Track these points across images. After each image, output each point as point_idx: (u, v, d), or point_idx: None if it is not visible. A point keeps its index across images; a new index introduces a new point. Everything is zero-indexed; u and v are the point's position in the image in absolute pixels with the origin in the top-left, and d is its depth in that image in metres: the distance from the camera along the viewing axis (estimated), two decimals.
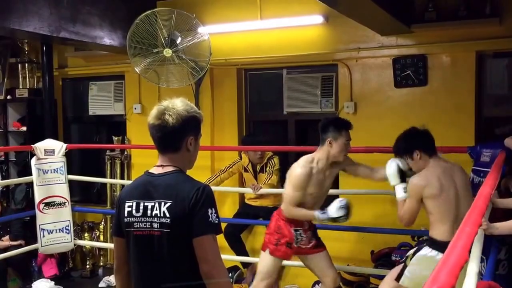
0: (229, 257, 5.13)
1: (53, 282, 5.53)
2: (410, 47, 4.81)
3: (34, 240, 5.18)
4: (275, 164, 5.17)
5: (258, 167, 5.24)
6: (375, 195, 4.62)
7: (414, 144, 3.30)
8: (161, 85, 5.22)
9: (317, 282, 5.03)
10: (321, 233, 3.98)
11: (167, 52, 4.80)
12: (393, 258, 4.54)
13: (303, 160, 3.68)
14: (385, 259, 4.72)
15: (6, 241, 5.53)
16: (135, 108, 5.99)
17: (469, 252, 1.68)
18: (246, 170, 5.30)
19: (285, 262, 5.07)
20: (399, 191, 3.38)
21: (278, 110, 5.56)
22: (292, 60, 5.28)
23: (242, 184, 5.45)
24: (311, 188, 3.66)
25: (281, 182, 5.31)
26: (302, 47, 5.15)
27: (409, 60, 4.79)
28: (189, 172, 2.25)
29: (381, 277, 4.67)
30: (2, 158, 6.54)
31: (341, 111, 5.12)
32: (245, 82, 5.72)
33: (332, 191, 5.05)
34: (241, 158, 5.36)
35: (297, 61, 5.27)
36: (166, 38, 4.81)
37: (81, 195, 6.48)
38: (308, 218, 3.73)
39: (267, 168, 5.18)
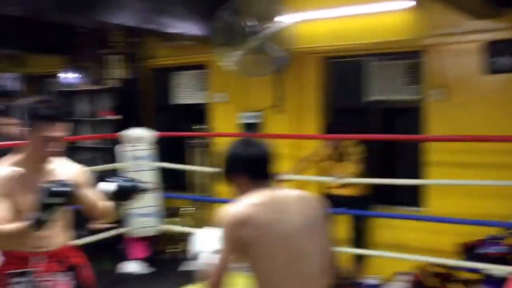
0: None
1: (142, 264, 5.79)
2: (503, 31, 4.55)
3: (125, 223, 5.43)
4: (357, 153, 5.09)
5: (340, 156, 5.18)
6: (462, 186, 4.46)
7: (235, 163, 2.18)
8: (245, 75, 5.27)
9: (400, 273, 4.93)
10: (401, 223, 3.78)
11: (257, 39, 4.84)
12: (481, 251, 4.35)
13: None
14: (472, 252, 4.54)
15: (99, 224, 5.82)
16: (219, 97, 6.09)
17: None
18: (327, 159, 5.26)
19: (366, 252, 5.04)
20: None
21: (361, 98, 5.46)
22: (376, 47, 5.16)
23: (323, 173, 5.41)
24: None
25: (364, 171, 5.23)
26: (387, 33, 5.01)
27: (502, 45, 4.54)
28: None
29: (467, 270, 4.52)
30: (94, 145, 6.89)
31: (427, 99, 4.96)
32: (327, 70, 5.66)
33: (419, 182, 4.95)
34: (322, 146, 5.31)
35: (381, 48, 5.15)
36: (251, 26, 4.84)
37: (169, 181, 6.68)
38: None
39: (349, 157, 5.11)
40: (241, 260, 1.99)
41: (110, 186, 2.51)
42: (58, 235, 2.52)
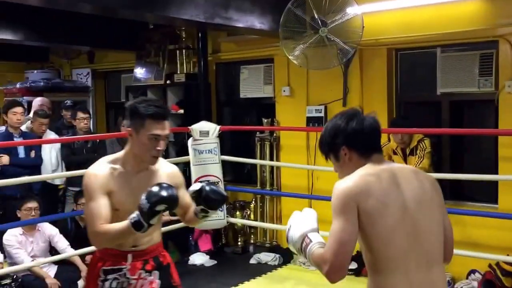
0: None
1: (208, 256, 5.89)
2: None
3: None
4: (426, 147, 4.95)
5: (408, 150, 5.06)
6: None
7: (341, 137, 2.03)
8: (311, 68, 5.24)
9: (472, 271, 4.77)
10: (473, 219, 3.63)
11: (323, 32, 4.81)
12: None
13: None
14: None
15: (166, 216, 5.95)
16: (284, 91, 6.09)
17: None
18: (395, 153, 5.15)
19: None
20: (315, 237, 1.98)
21: (431, 91, 5.31)
22: (447, 38, 4.99)
23: None
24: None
25: (432, 166, 5.09)
26: (458, 23, 4.84)
27: None
28: None
29: None
30: None
31: (502, 90, 4.76)
32: (395, 62, 5.54)
33: (489, 177, 4.76)
34: (389, 140, 5.21)
35: (452, 38, 4.98)
36: (317, 19, 4.81)
37: (233, 175, 6.76)
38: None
39: (418, 151, 4.97)
40: (360, 235, 1.87)
41: (195, 187, 2.42)
42: (153, 234, 2.51)
